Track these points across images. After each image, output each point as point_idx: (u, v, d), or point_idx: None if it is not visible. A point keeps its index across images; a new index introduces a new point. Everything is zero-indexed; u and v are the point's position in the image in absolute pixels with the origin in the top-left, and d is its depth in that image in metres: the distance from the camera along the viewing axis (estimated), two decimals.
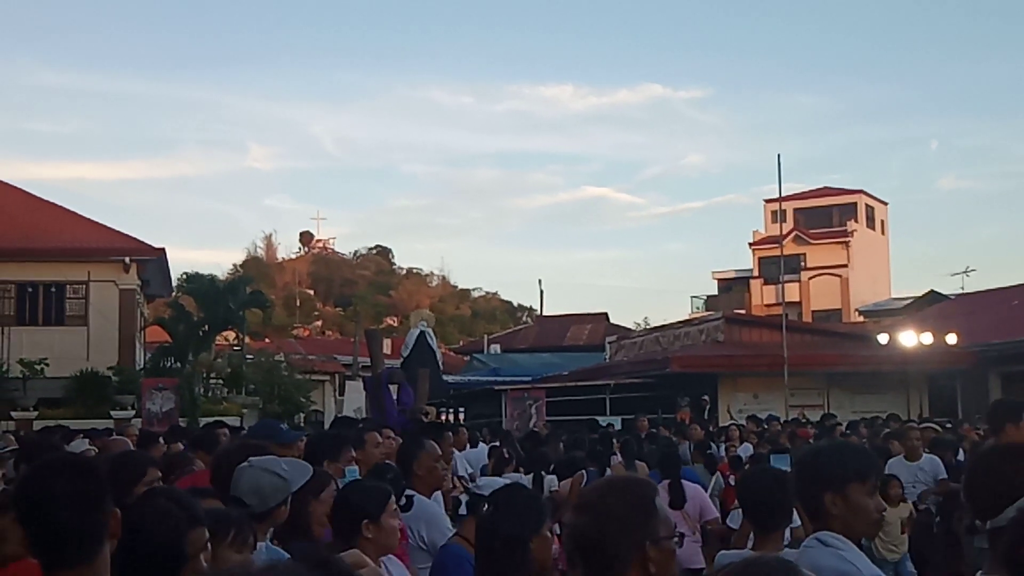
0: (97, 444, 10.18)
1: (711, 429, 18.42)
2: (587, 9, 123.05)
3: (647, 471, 11.50)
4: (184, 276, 31.37)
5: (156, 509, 3.17)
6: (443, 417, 21.30)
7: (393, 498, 4.69)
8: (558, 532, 8.70)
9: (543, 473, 11.78)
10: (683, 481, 10.07)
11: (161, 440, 11.13)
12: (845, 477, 3.53)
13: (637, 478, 3.99)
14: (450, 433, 9.86)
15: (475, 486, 6.39)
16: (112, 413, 24.25)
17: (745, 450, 15.10)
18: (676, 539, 2.88)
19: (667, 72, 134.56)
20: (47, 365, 25.87)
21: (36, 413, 23.81)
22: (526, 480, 10.81)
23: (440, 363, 19.26)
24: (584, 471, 10.65)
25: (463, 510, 9.32)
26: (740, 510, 9.75)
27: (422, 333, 17.77)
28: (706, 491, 10.93)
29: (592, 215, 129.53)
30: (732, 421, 20.11)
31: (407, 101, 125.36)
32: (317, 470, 4.75)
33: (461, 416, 27.52)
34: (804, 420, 20.14)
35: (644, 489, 2.97)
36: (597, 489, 3.03)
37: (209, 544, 3.23)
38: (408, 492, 5.58)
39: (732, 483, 11.29)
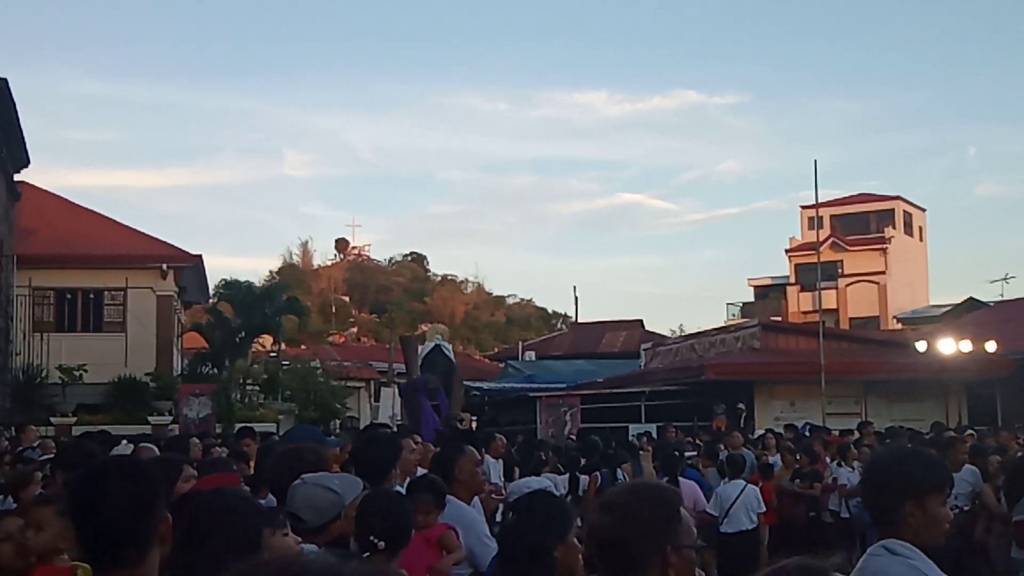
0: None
1: (750, 437, 18.25)
2: (620, 15, 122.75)
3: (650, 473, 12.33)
4: (222, 283, 31.59)
5: (233, 507, 3.20)
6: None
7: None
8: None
9: (578, 475, 12.22)
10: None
11: (197, 440, 11.29)
12: (927, 487, 3.50)
13: (663, 485, 3.96)
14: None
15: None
16: (150, 419, 24.47)
17: (778, 460, 14.94)
18: (696, 548, 2.87)
19: (701, 78, 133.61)
20: (86, 371, 26.08)
21: (75, 419, 23.98)
22: (561, 481, 11.23)
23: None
24: (598, 472, 11.95)
25: (499, 516, 9.38)
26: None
27: (436, 346, 17.86)
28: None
29: (627, 222, 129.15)
30: (768, 428, 19.93)
31: (442, 108, 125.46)
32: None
33: (474, 423, 27.32)
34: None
35: (670, 495, 2.97)
36: (624, 491, 3.02)
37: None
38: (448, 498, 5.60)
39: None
